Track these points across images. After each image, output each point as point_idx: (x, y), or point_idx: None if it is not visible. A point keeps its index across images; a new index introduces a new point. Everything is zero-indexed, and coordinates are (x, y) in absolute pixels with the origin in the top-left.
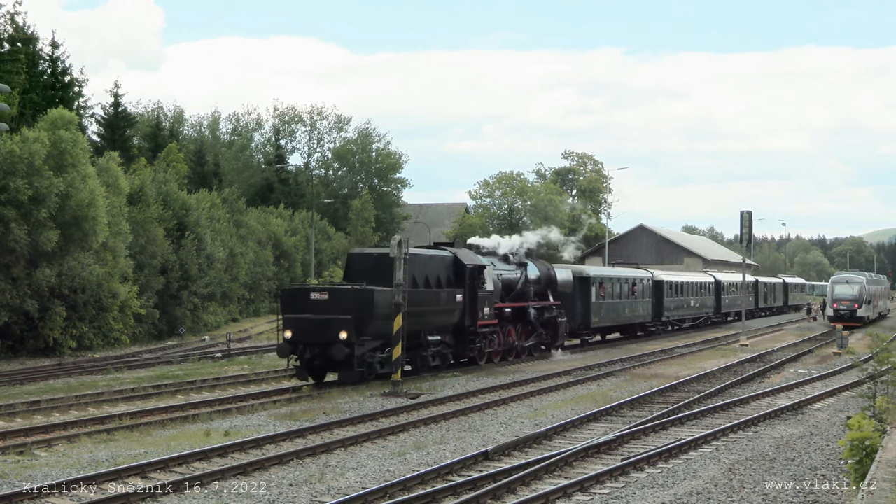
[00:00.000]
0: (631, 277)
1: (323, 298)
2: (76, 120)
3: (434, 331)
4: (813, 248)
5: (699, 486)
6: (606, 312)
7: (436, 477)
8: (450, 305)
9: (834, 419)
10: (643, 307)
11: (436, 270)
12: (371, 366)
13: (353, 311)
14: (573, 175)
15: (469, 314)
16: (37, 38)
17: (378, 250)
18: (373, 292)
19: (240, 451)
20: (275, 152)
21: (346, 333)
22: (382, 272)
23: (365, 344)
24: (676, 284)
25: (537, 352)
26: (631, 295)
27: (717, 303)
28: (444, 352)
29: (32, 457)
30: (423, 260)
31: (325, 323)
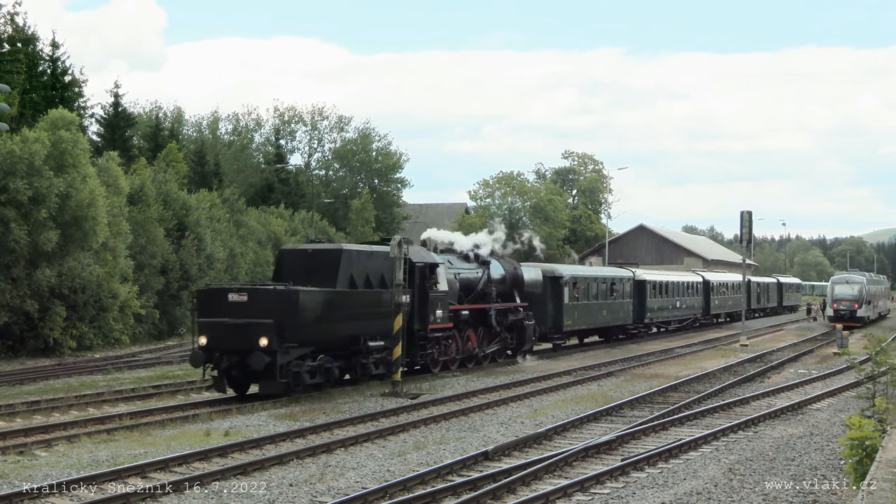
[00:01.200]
0: (609, 277)
1: (242, 300)
2: (77, 120)
3: (376, 336)
4: (813, 248)
5: (699, 486)
6: (581, 315)
7: (436, 477)
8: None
9: (834, 419)
10: (623, 309)
11: (379, 268)
12: (298, 376)
13: (276, 314)
14: (573, 175)
15: (418, 317)
16: (37, 38)
17: (313, 246)
18: (298, 293)
19: (240, 451)
20: (275, 152)
21: (267, 340)
22: (318, 271)
23: (290, 352)
24: (661, 284)
25: (502, 357)
26: (609, 296)
27: (706, 304)
28: (389, 358)
29: (32, 457)
30: (363, 257)
31: (244, 328)
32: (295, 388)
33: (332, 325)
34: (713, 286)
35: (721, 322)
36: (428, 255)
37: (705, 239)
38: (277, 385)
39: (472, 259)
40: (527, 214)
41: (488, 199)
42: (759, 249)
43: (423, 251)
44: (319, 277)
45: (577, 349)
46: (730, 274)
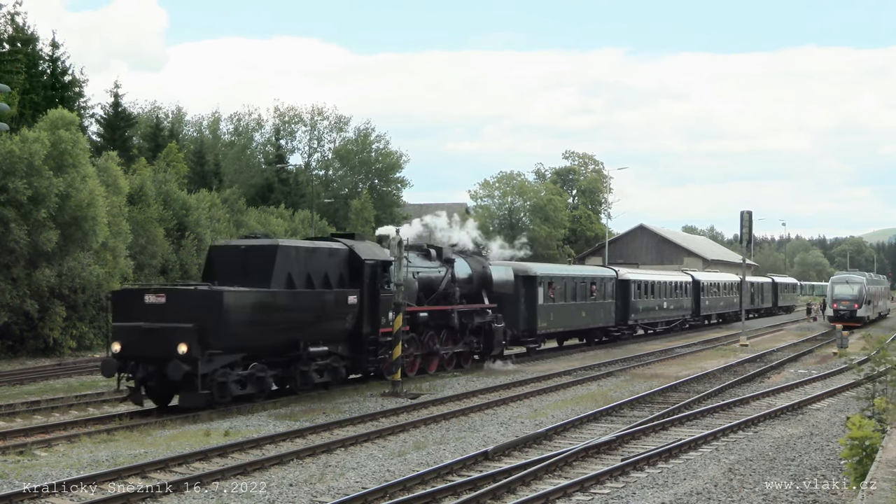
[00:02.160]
0: (589, 276)
1: (159, 302)
2: (77, 120)
3: (319, 340)
4: (813, 248)
5: (699, 486)
6: (557, 316)
7: (436, 477)
8: (340, 309)
9: (834, 419)
10: (605, 310)
11: (322, 267)
12: (224, 386)
13: (197, 317)
14: (573, 175)
15: (368, 319)
16: (37, 38)
17: (246, 242)
18: (222, 294)
19: (240, 451)
20: (275, 152)
21: (187, 346)
22: (251, 269)
23: (214, 359)
24: (646, 284)
25: (467, 363)
26: (589, 296)
27: (696, 304)
28: (336, 365)
29: (32, 457)
30: (303, 254)
31: (161, 333)
32: (220, 400)
33: (265, 329)
34: (703, 286)
35: (713, 324)
36: (381, 252)
37: (705, 239)
38: (199, 397)
39: (435, 257)
40: (527, 214)
41: (488, 199)
42: (759, 249)
43: (374, 247)
44: (253, 277)
45: (553, 353)
46: (722, 273)
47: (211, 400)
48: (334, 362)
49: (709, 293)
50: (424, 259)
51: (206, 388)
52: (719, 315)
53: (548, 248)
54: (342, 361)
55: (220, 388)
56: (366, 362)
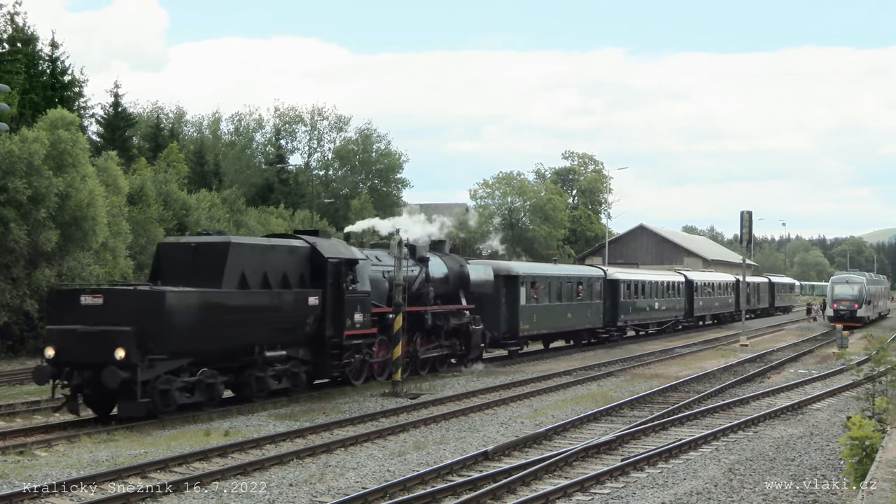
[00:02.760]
0: (575, 276)
1: (96, 303)
2: (76, 120)
3: (276, 344)
4: (813, 248)
5: (699, 486)
6: (541, 317)
7: (436, 477)
8: (299, 311)
9: (834, 419)
10: (592, 311)
11: (281, 265)
12: (167, 394)
13: (137, 320)
14: (573, 175)
15: (332, 322)
16: (36, 38)
17: (196, 239)
18: (164, 295)
19: (240, 451)
20: (275, 152)
21: (125, 351)
22: (202, 268)
23: (157, 365)
24: (636, 284)
25: (444, 366)
26: (575, 296)
27: (689, 305)
28: (296, 370)
29: (32, 457)
30: (258, 252)
31: (97, 337)
32: (164, 409)
33: (215, 332)
34: (697, 286)
35: (708, 325)
36: (347, 250)
37: (705, 239)
38: (138, 406)
39: (408, 255)
40: (527, 214)
41: (488, 199)
42: (759, 249)
43: (339, 245)
44: (204, 276)
45: (536, 356)
46: (717, 273)
47: (153, 409)
48: (294, 367)
49: (703, 293)
50: None
51: (146, 397)
52: (714, 316)
53: (548, 248)
54: (303, 366)
55: (162, 396)
56: (329, 367)
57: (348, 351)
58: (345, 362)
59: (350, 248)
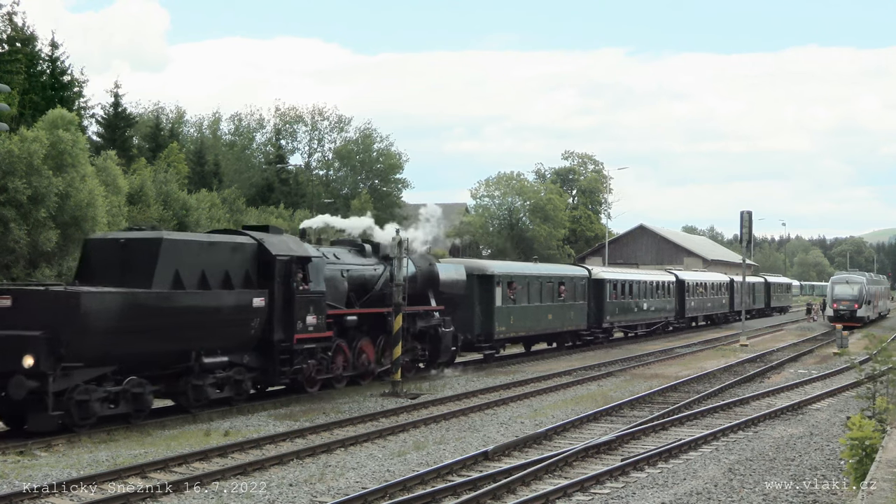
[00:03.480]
0: (556, 276)
1: (4, 305)
2: (76, 120)
3: (217, 349)
4: (813, 248)
5: (699, 486)
6: (518, 319)
7: (436, 477)
8: (242, 313)
9: (834, 419)
10: (576, 312)
11: (222, 263)
12: (85, 406)
13: (48, 324)
14: (573, 175)
15: (280, 325)
16: (36, 38)
17: (126, 235)
18: (79, 296)
19: (240, 451)
20: (275, 152)
21: (34, 359)
22: (132, 267)
23: (73, 374)
24: (623, 284)
25: (411, 371)
26: (557, 297)
27: (680, 306)
28: (240, 378)
29: (32, 457)
30: (195, 249)
31: (1, 343)
32: (82, 423)
33: (143, 337)
34: (689, 286)
35: (701, 326)
36: (298, 247)
37: (705, 239)
38: (48, 419)
39: (370, 253)
40: (526, 214)
41: (487, 199)
42: (759, 249)
43: (290, 242)
44: (133, 275)
45: (516, 360)
46: (710, 273)
47: (68, 422)
48: (238, 374)
49: (695, 293)
50: (357, 255)
51: (60, 409)
52: (707, 317)
53: (548, 248)
54: (249, 373)
55: (80, 407)
56: (277, 374)
57: (300, 356)
58: (295, 368)
59: (303, 244)
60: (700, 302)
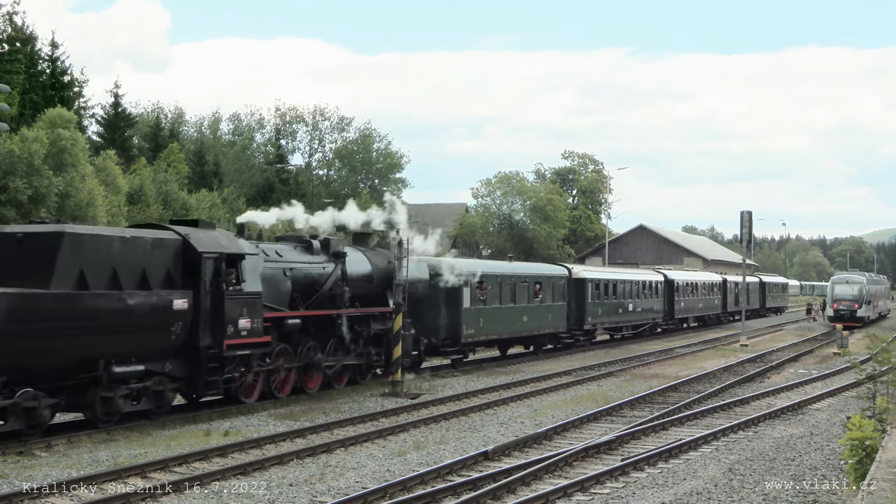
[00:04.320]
0: (532, 275)
1: None
2: (75, 119)
3: (131, 357)
4: (813, 248)
5: (699, 486)
6: (489, 321)
7: (436, 477)
8: (160, 317)
9: (834, 419)
10: (554, 313)
11: (138, 261)
12: None
13: None
14: (573, 175)
15: (208, 329)
16: (36, 37)
17: (25, 229)
18: None
19: (240, 451)
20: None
21: None
22: (32, 264)
23: None
24: (607, 284)
25: (366, 378)
26: (533, 298)
27: (669, 307)
28: (159, 388)
29: (32, 457)
30: (105, 245)
31: None
32: None
33: (38, 344)
34: (678, 286)
35: (692, 327)
36: (231, 243)
37: (705, 239)
38: None
39: (319, 250)
40: (526, 214)
41: (488, 199)
42: (759, 249)
43: (221, 237)
44: (30, 274)
45: (489, 364)
46: (701, 273)
47: None
48: (157, 385)
49: (685, 294)
50: (304, 252)
51: None
52: (698, 318)
53: (548, 248)
54: (171, 383)
55: None
56: (204, 383)
57: (232, 363)
58: (226, 377)
59: (236, 240)
60: (691, 302)
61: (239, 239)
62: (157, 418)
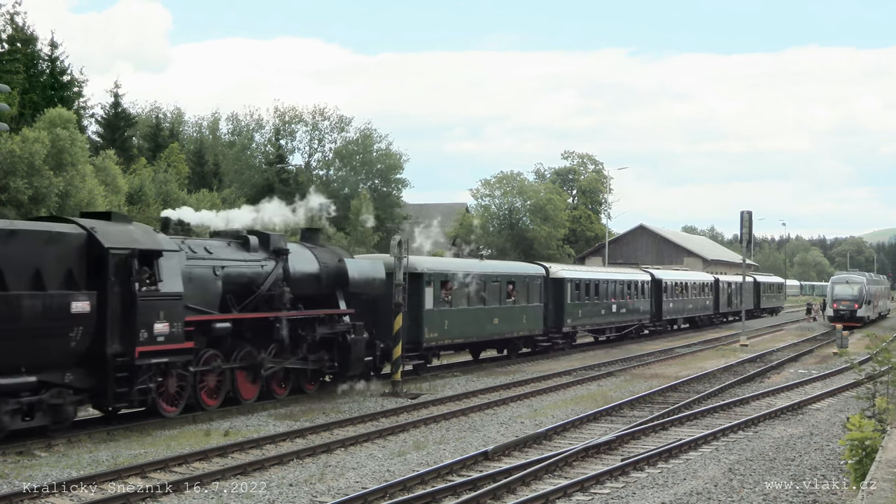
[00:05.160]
0: (504, 274)
1: None
2: (74, 119)
3: (20, 367)
4: (813, 248)
5: (699, 486)
6: (454, 324)
7: (436, 477)
8: (56, 321)
9: (834, 419)
10: (529, 315)
11: (30, 259)
12: None
13: None
14: (573, 175)
15: (117, 334)
16: (35, 37)
17: None
18: None
19: (240, 451)
20: (275, 152)
21: None
22: None
23: None
24: (588, 284)
25: (314, 385)
26: (505, 298)
27: (657, 308)
28: (58, 402)
29: (32, 457)
30: None
31: None
32: None
33: None
34: (666, 286)
35: (683, 329)
36: (146, 238)
37: (705, 239)
38: None
39: (257, 247)
40: (526, 214)
41: (489, 199)
42: (759, 249)
43: (135, 232)
44: None
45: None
46: (692, 272)
47: None
48: (54, 398)
49: (673, 294)
50: (239, 249)
51: None
52: (688, 319)
53: (548, 248)
54: (73, 395)
55: None
56: (114, 395)
57: (145, 372)
58: (139, 388)
59: (154, 235)
60: (680, 303)
61: (159, 234)
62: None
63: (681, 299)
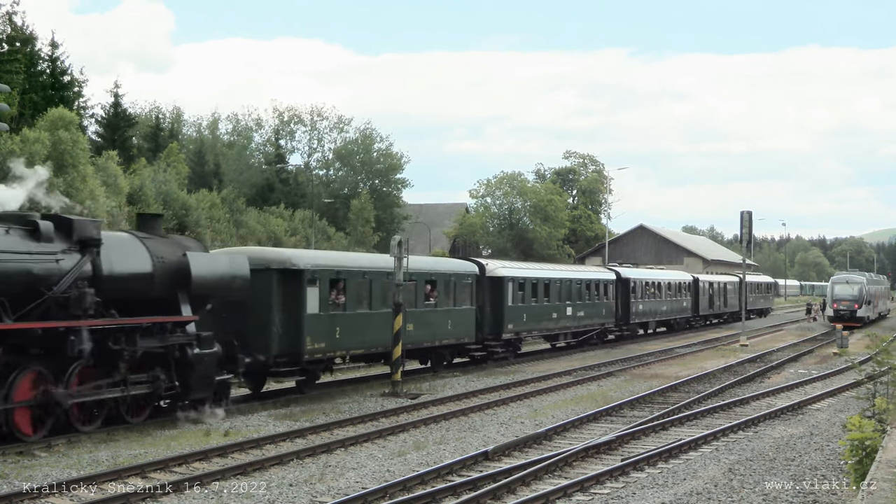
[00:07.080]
0: (422, 272)
1: None
2: (76, 120)
3: None
4: (813, 248)
5: (699, 486)
6: (350, 331)
7: (436, 477)
8: None
9: (834, 419)
10: (456, 320)
11: None
12: None
13: None
14: (573, 175)
15: None
16: (35, 37)
17: None
18: None
19: (240, 451)
20: (275, 152)
21: None
22: None
23: None
24: (535, 284)
25: (141, 414)
26: (422, 301)
27: (624, 310)
28: None
29: (32, 457)
30: None
31: None
32: None
33: None
34: (635, 286)
35: (659, 333)
36: None
37: (705, 239)
38: None
39: (52, 235)
40: (527, 214)
41: (488, 199)
42: (759, 250)
43: None
44: None
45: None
46: (666, 271)
47: None
48: None
49: (644, 295)
50: (24, 238)
51: None
52: (662, 323)
53: (548, 248)
54: None
55: None
56: None
57: None
58: None
59: None
60: (651, 305)
61: None
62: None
63: (653, 301)
